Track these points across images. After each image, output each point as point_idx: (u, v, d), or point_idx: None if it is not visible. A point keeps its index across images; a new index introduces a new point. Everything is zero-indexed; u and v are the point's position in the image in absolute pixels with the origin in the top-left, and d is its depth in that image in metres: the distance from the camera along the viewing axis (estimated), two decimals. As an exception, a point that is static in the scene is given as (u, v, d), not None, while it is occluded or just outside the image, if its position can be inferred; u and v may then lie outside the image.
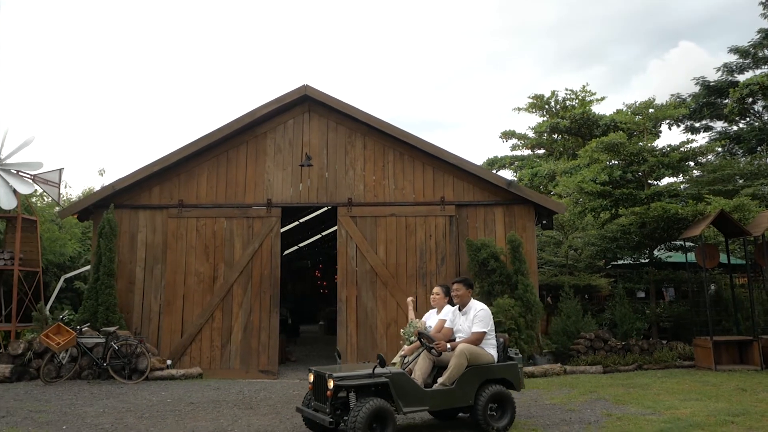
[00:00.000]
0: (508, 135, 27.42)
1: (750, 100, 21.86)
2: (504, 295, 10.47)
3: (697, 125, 25.94)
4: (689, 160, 14.64)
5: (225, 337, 11.13)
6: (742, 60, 23.54)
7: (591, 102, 25.86)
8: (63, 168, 13.50)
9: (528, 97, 27.59)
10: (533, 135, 27.04)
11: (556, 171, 22.05)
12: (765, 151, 22.22)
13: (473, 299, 6.58)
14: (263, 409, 7.50)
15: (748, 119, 23.97)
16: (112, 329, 10.00)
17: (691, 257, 13.07)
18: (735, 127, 24.43)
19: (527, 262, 10.88)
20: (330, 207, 12.44)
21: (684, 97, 25.21)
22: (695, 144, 14.12)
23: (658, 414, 6.81)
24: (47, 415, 7.07)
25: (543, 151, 27.85)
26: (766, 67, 23.13)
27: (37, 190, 13.76)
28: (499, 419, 6.10)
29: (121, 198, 11.57)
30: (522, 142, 27.54)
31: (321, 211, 17.37)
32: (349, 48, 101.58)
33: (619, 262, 15.74)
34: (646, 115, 14.91)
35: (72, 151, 53.82)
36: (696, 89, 24.95)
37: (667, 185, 14.84)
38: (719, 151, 22.96)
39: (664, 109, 15.21)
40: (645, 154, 13.62)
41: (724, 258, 13.04)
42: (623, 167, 14.79)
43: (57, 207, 18.67)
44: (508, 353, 6.54)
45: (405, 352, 6.56)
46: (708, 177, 18.94)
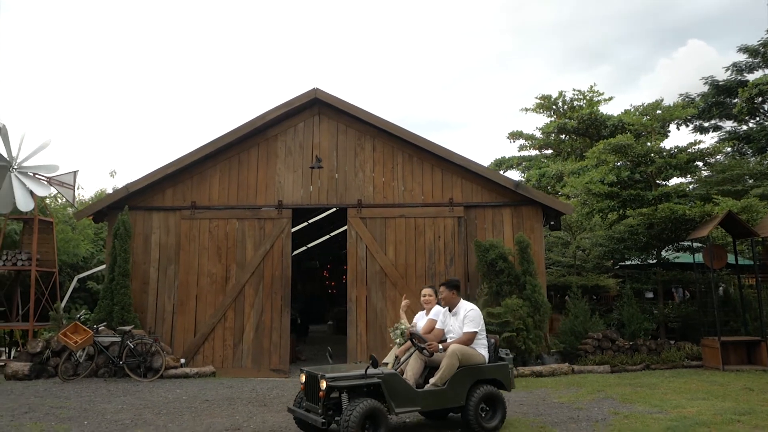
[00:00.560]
0: (515, 135, 27.45)
1: (759, 99, 21.80)
2: (512, 296, 10.59)
3: (707, 125, 25.87)
4: (697, 161, 14.68)
5: (237, 337, 11.32)
6: (751, 59, 23.47)
7: (599, 102, 25.86)
8: (77, 170, 13.78)
9: (535, 98, 27.62)
10: (541, 135, 27.06)
11: (563, 171, 22.11)
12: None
13: (462, 300, 6.58)
14: (276, 407, 7.68)
15: (757, 119, 23.91)
16: (127, 328, 10.22)
17: (699, 258, 13.12)
18: (744, 127, 24.36)
19: (535, 262, 11.00)
20: (340, 208, 12.60)
21: (693, 97, 25.16)
22: (703, 145, 14.15)
23: (665, 412, 6.92)
24: (68, 411, 7.28)
25: (551, 152, 27.87)
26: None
27: (53, 192, 14.03)
28: (490, 419, 6.14)
29: (136, 200, 11.79)
30: (529, 142, 27.56)
31: (329, 212, 17.53)
32: (357, 48, 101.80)
33: (627, 262, 15.80)
34: (653, 116, 14.96)
35: (83, 153, 54.37)
36: (705, 89, 24.91)
37: (675, 186, 14.89)
38: (728, 151, 22.93)
39: (671, 110, 15.25)
40: (652, 155, 13.69)
41: (732, 259, 13.09)
42: (631, 168, 14.86)
43: (69, 208, 19.00)
44: (498, 353, 6.58)
45: (397, 352, 6.58)
46: (717, 177, 18.95)
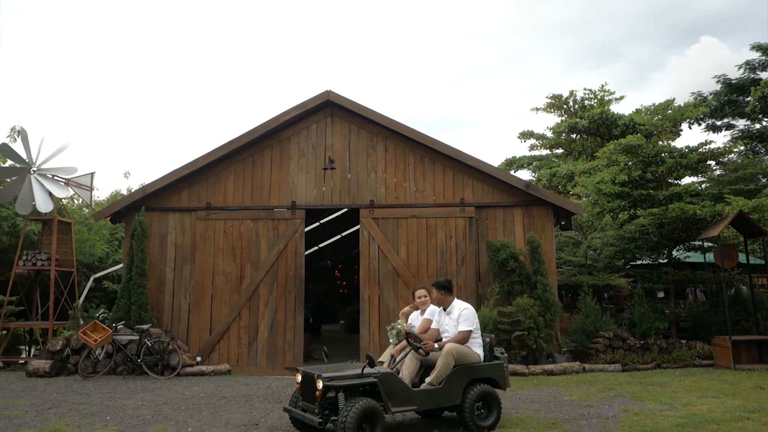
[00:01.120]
0: (526, 135, 27.47)
1: (773, 97, 21.65)
2: (523, 295, 10.69)
3: (719, 123, 25.76)
4: (708, 160, 14.69)
5: (252, 335, 11.51)
6: (764, 57, 23.32)
7: (610, 101, 25.83)
8: (94, 172, 14.02)
9: (546, 97, 27.66)
10: (551, 135, 27.08)
11: (574, 171, 22.13)
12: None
13: (456, 299, 6.60)
14: (292, 404, 7.83)
15: (771, 117, 23.76)
16: (145, 327, 10.44)
17: (710, 257, 13.16)
18: (758, 125, 24.23)
19: (546, 262, 11.09)
20: (352, 209, 12.76)
21: (705, 95, 25.06)
22: (714, 145, 14.17)
23: (674, 410, 7.01)
24: (90, 407, 7.49)
25: (561, 151, 27.86)
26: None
27: (71, 193, 14.30)
28: (486, 418, 6.15)
29: (152, 201, 12.02)
30: (540, 142, 27.57)
31: (341, 212, 17.71)
32: (367, 47, 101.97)
33: (638, 262, 15.85)
34: (665, 116, 14.98)
35: (97, 154, 54.96)
36: (717, 87, 24.80)
37: (686, 186, 14.91)
38: (741, 150, 22.82)
39: (682, 110, 15.26)
40: (663, 155, 13.72)
41: (743, 258, 13.11)
42: (642, 168, 14.89)
43: (85, 209, 19.31)
44: (493, 352, 6.61)
45: (393, 352, 6.61)
46: (730, 176, 18.91)
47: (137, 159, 58.84)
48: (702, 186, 19.81)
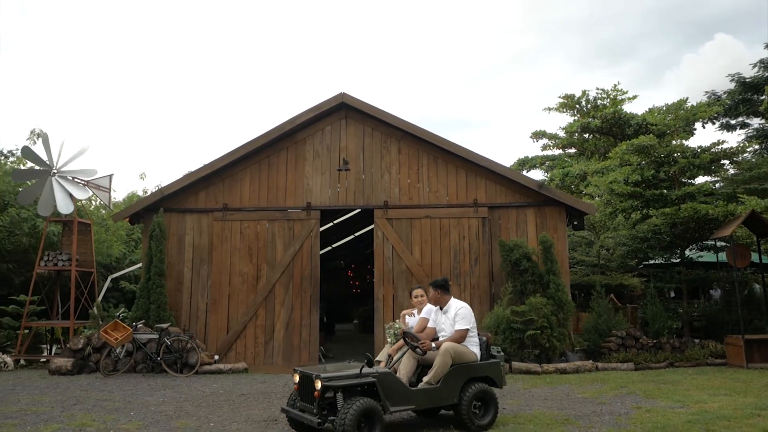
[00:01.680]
0: (538, 135, 27.50)
1: (788, 97, 21.52)
2: (536, 294, 10.80)
3: (733, 122, 25.63)
4: (721, 160, 14.68)
5: (268, 334, 11.71)
6: (779, 56, 23.17)
7: (622, 101, 25.79)
8: (112, 174, 14.30)
9: (558, 97, 27.67)
10: (564, 135, 27.09)
11: (587, 171, 22.14)
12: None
13: (453, 298, 6.62)
14: (309, 401, 8.00)
15: (786, 116, 23.60)
16: (164, 326, 10.67)
17: (723, 257, 13.17)
18: (772, 124, 24.06)
19: (559, 262, 11.19)
20: (365, 209, 12.91)
21: (719, 94, 24.94)
22: (727, 145, 14.17)
23: (686, 407, 7.10)
24: (114, 404, 7.72)
25: (574, 151, 27.86)
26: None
27: (90, 194, 14.58)
28: (483, 417, 6.18)
29: (170, 202, 12.25)
30: (553, 141, 27.59)
31: (354, 213, 17.88)
32: (379, 48, 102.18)
33: (651, 261, 15.87)
34: (677, 116, 15.00)
35: (113, 155, 55.61)
36: (731, 86, 24.66)
37: (699, 186, 14.92)
38: (756, 149, 22.70)
39: (695, 110, 15.27)
40: (676, 155, 13.75)
41: (756, 257, 13.11)
42: (655, 168, 14.91)
43: (102, 210, 19.65)
44: (490, 351, 6.64)
45: (390, 351, 6.61)
46: (744, 175, 18.82)
47: (153, 160, 59.50)
48: (716, 185, 19.73)
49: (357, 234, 24.42)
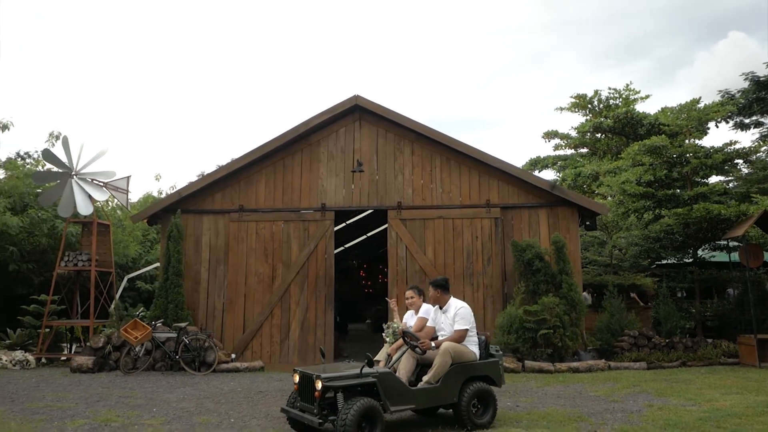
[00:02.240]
0: (550, 135, 27.52)
1: (801, 96, 21.41)
2: (549, 294, 10.90)
3: (747, 121, 25.50)
4: (734, 160, 14.67)
5: (284, 333, 11.90)
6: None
7: (635, 101, 25.75)
8: (130, 175, 14.54)
9: (570, 97, 27.69)
10: (576, 134, 27.09)
11: (599, 171, 22.15)
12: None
13: (453, 297, 6.64)
14: (325, 398, 8.16)
15: (800, 115, 23.44)
16: (183, 325, 10.89)
17: (735, 257, 13.18)
18: (787, 123, 23.90)
19: (571, 262, 11.28)
20: (378, 210, 13.06)
21: (732, 93, 24.82)
22: (740, 145, 14.16)
23: (698, 405, 7.19)
24: (136, 400, 7.93)
25: (586, 151, 27.84)
26: (818, 62, 22.57)
27: (108, 196, 14.86)
28: (482, 415, 6.22)
29: (187, 203, 12.48)
30: (565, 141, 27.59)
31: (366, 213, 18.04)
32: (391, 48, 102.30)
33: (664, 261, 15.88)
34: (690, 116, 14.99)
35: (128, 156, 56.21)
36: (745, 84, 24.54)
37: (712, 186, 14.92)
38: (771, 148, 22.57)
39: (708, 110, 15.26)
40: (688, 155, 13.76)
41: (769, 257, 13.13)
42: (667, 168, 14.93)
43: (119, 211, 19.96)
44: (489, 350, 6.67)
45: (389, 350, 6.64)
46: (758, 175, 18.75)
47: (168, 162, 60.02)
48: (729, 185, 19.68)
49: (369, 234, 24.58)
